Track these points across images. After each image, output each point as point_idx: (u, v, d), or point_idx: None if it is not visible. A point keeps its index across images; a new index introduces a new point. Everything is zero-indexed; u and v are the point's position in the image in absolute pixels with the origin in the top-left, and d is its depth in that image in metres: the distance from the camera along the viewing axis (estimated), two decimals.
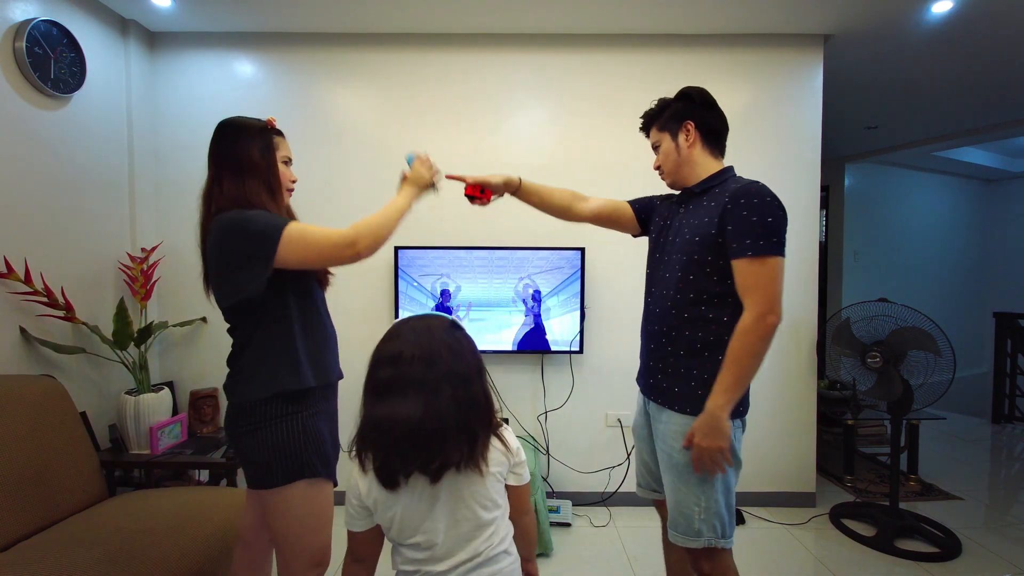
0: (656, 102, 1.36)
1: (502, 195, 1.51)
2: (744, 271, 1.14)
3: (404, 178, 1.35)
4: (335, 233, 1.15)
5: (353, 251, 1.15)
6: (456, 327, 0.95)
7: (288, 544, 1.19)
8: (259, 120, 1.26)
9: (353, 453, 0.92)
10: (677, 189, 1.37)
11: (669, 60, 2.54)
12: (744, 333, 1.13)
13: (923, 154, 4.52)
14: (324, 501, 1.21)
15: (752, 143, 2.55)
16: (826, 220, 4.94)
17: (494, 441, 0.95)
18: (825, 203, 4.92)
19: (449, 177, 1.45)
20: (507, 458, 0.96)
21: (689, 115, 1.29)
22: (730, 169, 1.30)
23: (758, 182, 1.19)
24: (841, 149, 4.60)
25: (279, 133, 1.28)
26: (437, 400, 0.86)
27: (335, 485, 1.25)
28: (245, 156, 1.19)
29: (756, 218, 1.13)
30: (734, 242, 1.15)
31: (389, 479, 0.88)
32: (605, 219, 1.53)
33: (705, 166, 1.29)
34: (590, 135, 2.54)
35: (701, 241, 1.21)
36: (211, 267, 1.18)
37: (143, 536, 1.45)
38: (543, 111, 2.56)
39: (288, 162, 1.29)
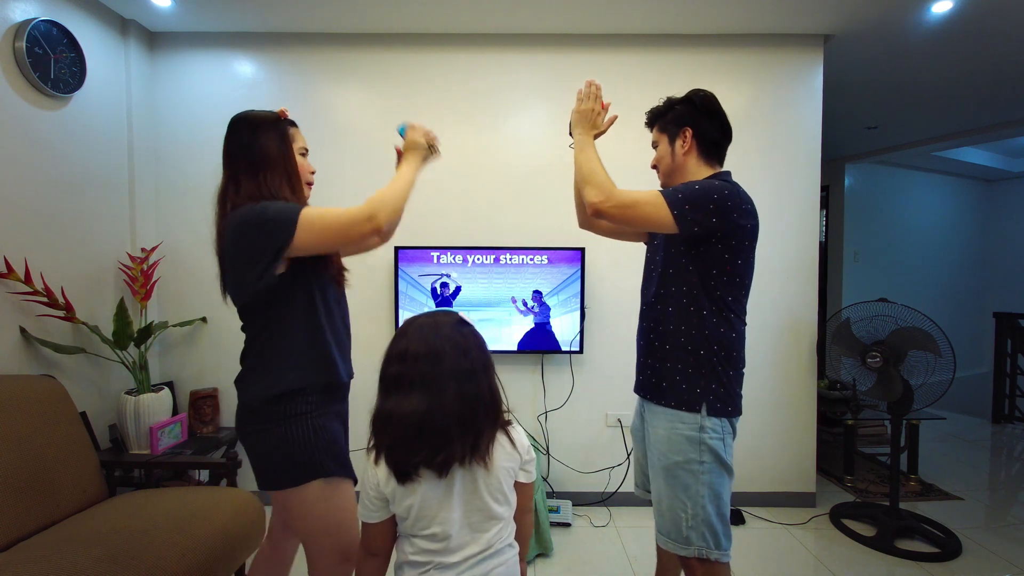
0: (663, 100, 1.36)
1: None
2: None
3: (402, 151, 1.32)
4: (352, 210, 1.11)
5: (373, 225, 1.10)
6: (463, 323, 0.97)
7: (314, 542, 1.18)
8: (271, 112, 1.22)
9: (371, 445, 0.95)
10: None
11: (669, 60, 2.54)
12: (611, 192, 1.21)
13: (923, 154, 4.52)
14: (344, 499, 1.18)
15: (752, 143, 2.55)
16: (826, 220, 4.94)
17: (504, 439, 0.97)
18: (825, 203, 4.92)
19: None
20: (518, 454, 0.98)
21: (688, 121, 1.29)
22: (720, 176, 1.28)
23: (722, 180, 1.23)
24: (841, 149, 4.60)
25: (293, 124, 1.25)
26: (441, 396, 0.88)
27: (355, 483, 1.22)
28: (261, 150, 1.15)
29: (684, 184, 1.21)
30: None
31: (400, 472, 0.90)
32: (614, 229, 1.54)
33: (696, 174, 1.29)
34: None
35: (674, 239, 1.24)
36: (229, 264, 1.14)
37: (143, 536, 1.45)
38: (543, 111, 2.56)
39: (305, 153, 1.26)
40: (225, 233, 1.12)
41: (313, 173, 1.28)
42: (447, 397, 0.89)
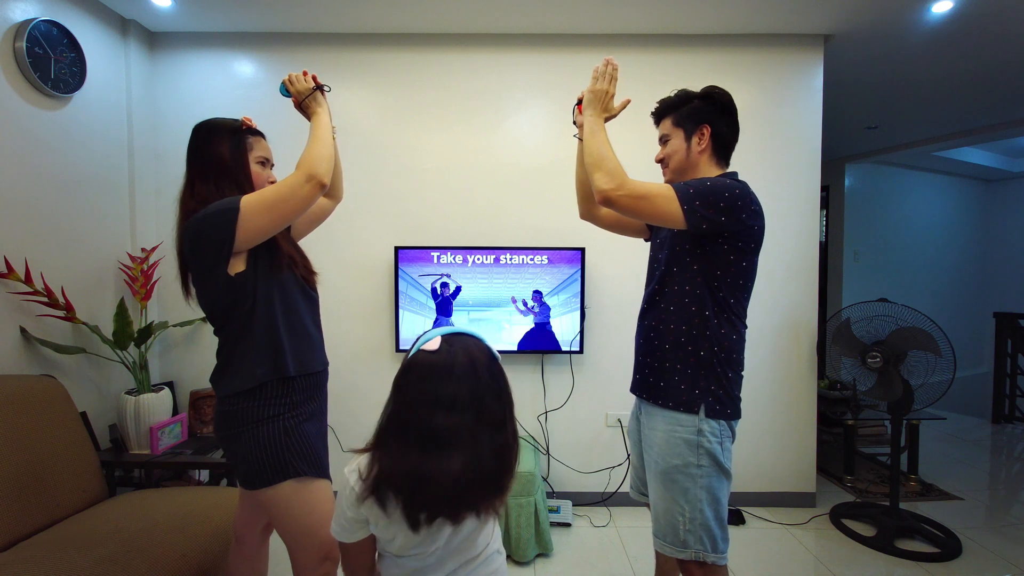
0: (676, 92, 1.32)
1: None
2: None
3: (296, 105, 1.30)
4: (287, 178, 1.13)
5: (314, 183, 1.12)
6: (494, 359, 0.90)
7: (293, 541, 1.20)
8: (234, 120, 1.25)
9: (368, 481, 0.82)
10: None
11: (669, 60, 2.54)
12: (623, 180, 1.16)
13: (923, 154, 4.52)
14: (318, 499, 1.19)
15: (752, 143, 2.55)
16: (826, 220, 4.94)
17: None
18: (825, 203, 4.92)
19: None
20: None
21: (707, 118, 1.27)
22: (730, 176, 1.28)
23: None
24: (841, 149, 4.60)
25: (256, 133, 1.27)
26: (478, 452, 0.79)
27: (331, 481, 1.24)
28: (215, 157, 1.19)
29: (696, 180, 1.20)
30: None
31: (413, 523, 0.80)
32: (615, 222, 1.52)
33: (708, 173, 1.28)
34: None
35: (680, 236, 1.23)
36: (191, 269, 1.20)
37: (143, 536, 1.45)
38: (543, 111, 2.56)
39: (265, 163, 1.27)
40: (184, 240, 1.17)
41: (273, 183, 1.25)
42: (483, 452, 0.79)
